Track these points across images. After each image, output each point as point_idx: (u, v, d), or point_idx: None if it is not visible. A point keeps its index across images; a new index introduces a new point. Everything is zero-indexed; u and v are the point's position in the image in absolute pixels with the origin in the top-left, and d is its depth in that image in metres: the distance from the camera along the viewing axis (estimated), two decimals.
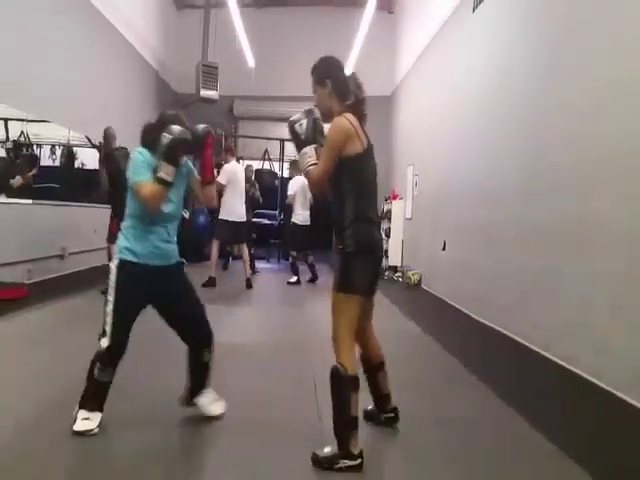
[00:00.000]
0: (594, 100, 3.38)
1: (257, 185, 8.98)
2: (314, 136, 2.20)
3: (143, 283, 2.24)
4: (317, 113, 2.27)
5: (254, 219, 9.21)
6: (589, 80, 3.47)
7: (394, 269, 8.86)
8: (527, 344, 4.05)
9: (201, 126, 2.38)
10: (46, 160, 6.32)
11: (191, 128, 2.32)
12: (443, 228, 6.70)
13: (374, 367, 2.44)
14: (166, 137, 2.18)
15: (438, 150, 7.21)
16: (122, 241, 2.27)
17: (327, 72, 2.31)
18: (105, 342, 2.17)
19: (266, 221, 10.96)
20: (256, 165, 12.16)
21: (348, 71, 2.39)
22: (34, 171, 5.87)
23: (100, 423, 2.19)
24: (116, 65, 8.25)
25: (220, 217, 6.57)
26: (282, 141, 10.74)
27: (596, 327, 3.20)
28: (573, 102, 3.65)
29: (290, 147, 10.94)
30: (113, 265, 2.24)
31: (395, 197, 9.44)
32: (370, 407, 2.52)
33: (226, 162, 6.97)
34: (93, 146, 7.25)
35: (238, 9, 8.90)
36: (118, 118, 8.23)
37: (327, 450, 2.07)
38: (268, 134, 11.41)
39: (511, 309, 4.47)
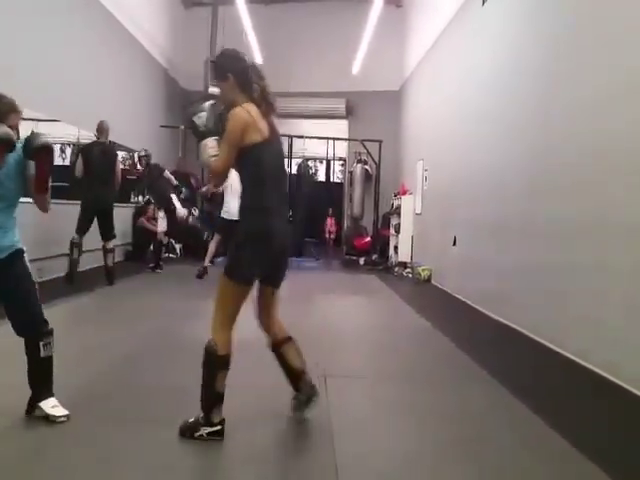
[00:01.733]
0: (608, 93, 3.33)
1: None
2: (216, 128, 2.22)
3: None
4: (220, 106, 2.30)
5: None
6: (604, 72, 3.42)
7: (404, 265, 8.83)
8: (539, 339, 4.01)
9: (40, 139, 2.21)
10: (56, 159, 6.36)
11: (32, 138, 2.19)
12: (453, 223, 6.66)
13: (279, 342, 2.43)
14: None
15: (448, 144, 7.15)
16: None
17: (228, 66, 2.29)
18: None
19: None
20: None
21: (249, 62, 2.35)
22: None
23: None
24: (126, 64, 8.27)
25: (221, 215, 7.03)
26: (290, 137, 10.72)
27: (610, 322, 3.16)
28: (586, 96, 3.60)
29: (299, 143, 10.97)
30: None
31: (405, 192, 9.39)
32: (292, 398, 2.46)
33: None
34: None
35: (246, 5, 8.88)
36: (128, 116, 8.27)
37: (191, 420, 2.18)
38: None
39: (522, 304, 4.43)
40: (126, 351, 3.38)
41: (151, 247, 7.91)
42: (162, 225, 7.52)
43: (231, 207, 6.89)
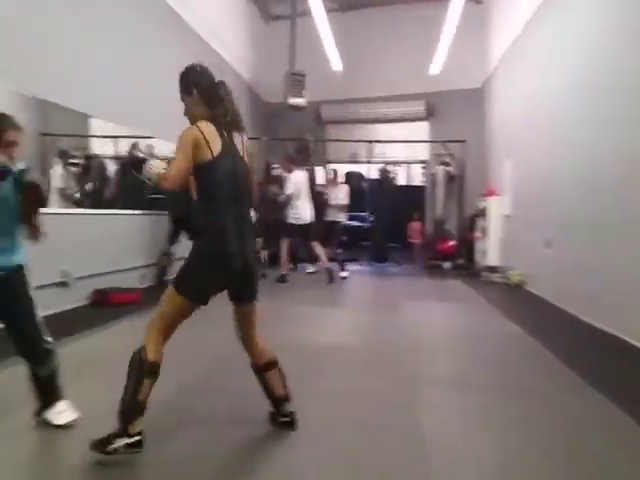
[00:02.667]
0: None
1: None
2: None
3: None
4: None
5: (345, 221, 9.29)
6: None
7: (492, 269, 8.47)
8: None
9: (27, 175, 2.19)
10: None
11: (23, 172, 2.16)
12: (547, 224, 6.29)
13: (260, 368, 2.38)
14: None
15: (539, 142, 6.78)
16: None
17: (193, 80, 2.27)
18: None
19: (356, 223, 10.98)
20: (345, 168, 12.29)
21: (214, 79, 2.33)
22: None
23: None
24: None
25: (288, 221, 7.30)
26: (370, 142, 10.72)
27: None
28: None
29: (379, 148, 10.94)
30: None
31: (491, 193, 9.03)
32: (271, 409, 2.43)
33: (289, 172, 7.57)
34: None
35: (324, 14, 9.04)
36: None
37: (106, 434, 2.02)
38: (356, 136, 11.44)
39: (625, 309, 4.09)
40: (220, 353, 3.53)
41: None
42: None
43: (301, 212, 7.22)
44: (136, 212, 6.16)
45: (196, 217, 2.20)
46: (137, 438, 2.02)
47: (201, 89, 2.24)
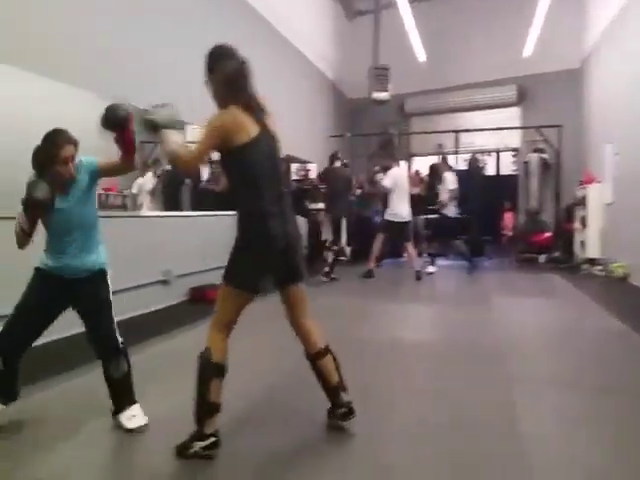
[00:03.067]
0: None
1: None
2: (173, 124, 2.12)
3: (49, 290, 2.29)
4: (173, 108, 2.18)
5: (429, 215, 9.12)
6: None
7: (593, 262, 7.91)
8: None
9: (120, 107, 2.19)
10: None
11: (113, 108, 2.17)
12: None
13: (312, 357, 2.31)
14: (25, 195, 2.12)
15: None
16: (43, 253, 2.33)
17: (215, 61, 2.17)
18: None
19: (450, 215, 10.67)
20: (430, 160, 12.03)
21: (238, 60, 2.20)
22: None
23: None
24: (297, 81, 8.95)
25: (385, 218, 7.26)
26: (457, 132, 10.41)
27: None
28: None
29: (466, 137, 10.60)
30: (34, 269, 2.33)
31: (591, 181, 8.41)
32: (327, 410, 2.37)
33: (390, 167, 7.50)
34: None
35: (408, 5, 8.93)
36: (300, 130, 8.92)
37: (185, 439, 2.07)
38: (441, 127, 11.17)
39: None
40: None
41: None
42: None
43: (398, 209, 7.11)
44: (230, 212, 6.52)
45: (236, 203, 2.13)
46: (212, 440, 2.05)
47: (224, 72, 2.14)
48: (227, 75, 2.12)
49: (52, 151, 2.18)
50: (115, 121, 2.16)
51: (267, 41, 7.70)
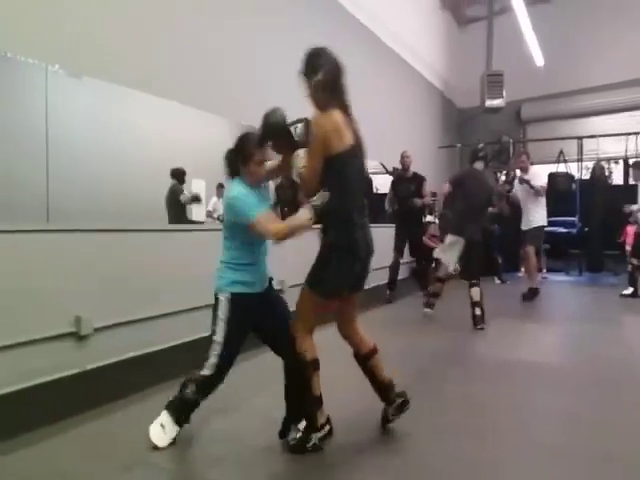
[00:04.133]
0: None
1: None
2: (307, 139, 2.10)
3: (253, 312, 2.29)
4: (307, 119, 2.14)
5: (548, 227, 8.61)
6: None
7: None
8: None
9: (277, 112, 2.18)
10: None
11: (274, 114, 2.17)
12: None
13: (364, 356, 2.41)
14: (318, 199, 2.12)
15: None
16: (231, 276, 2.26)
17: (320, 63, 2.16)
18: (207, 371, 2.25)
19: (562, 229, 10.06)
20: (549, 169, 11.37)
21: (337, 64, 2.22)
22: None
23: (173, 440, 2.28)
24: (406, 93, 8.99)
25: (537, 224, 6.64)
26: (580, 139, 9.72)
27: None
28: None
29: (590, 144, 9.85)
30: (223, 298, 2.24)
31: None
32: (383, 411, 2.47)
33: (526, 171, 6.94)
34: (387, 172, 8.07)
35: (524, 9, 8.60)
36: (409, 142, 8.94)
37: (298, 435, 2.23)
38: (561, 134, 10.51)
39: None
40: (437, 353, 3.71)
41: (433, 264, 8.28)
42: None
43: (544, 213, 6.72)
44: None
45: (327, 208, 2.13)
46: (327, 428, 2.25)
47: (328, 73, 2.15)
48: (329, 77, 2.15)
49: (249, 149, 2.20)
50: (278, 125, 2.16)
51: (373, 53, 7.82)
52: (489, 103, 9.59)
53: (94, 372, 2.94)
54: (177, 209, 3.97)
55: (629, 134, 9.70)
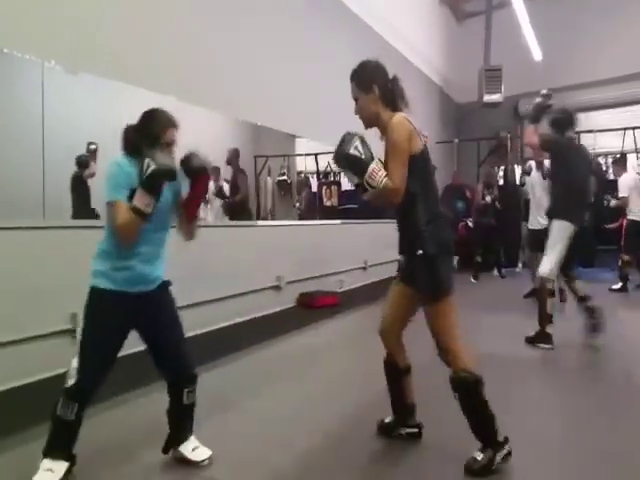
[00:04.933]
0: None
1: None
2: (370, 153, 2.00)
3: (119, 312, 1.91)
4: (357, 133, 2.04)
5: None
6: None
7: None
8: None
9: (199, 159, 1.94)
10: (347, 185, 7.41)
11: (188, 158, 1.93)
12: None
13: (400, 371, 2.26)
14: (149, 164, 1.77)
15: None
16: (97, 265, 1.93)
17: (372, 77, 2.14)
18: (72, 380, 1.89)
19: None
20: (546, 164, 11.36)
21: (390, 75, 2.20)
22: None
23: (66, 475, 1.88)
24: (407, 91, 8.97)
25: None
26: (577, 133, 9.69)
27: None
28: None
29: (588, 139, 9.85)
30: (88, 290, 1.94)
31: None
32: (388, 419, 2.31)
33: (618, 175, 7.02)
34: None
35: (522, 3, 8.59)
36: None
37: (480, 457, 2.01)
38: None
39: None
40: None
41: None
42: None
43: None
44: (336, 222, 6.76)
45: (416, 210, 2.03)
46: (507, 447, 2.04)
47: (382, 86, 2.14)
48: (383, 89, 2.13)
49: (155, 131, 1.91)
50: (197, 167, 1.95)
51: (371, 47, 7.73)
52: (487, 98, 9.59)
53: None
54: (81, 200, 3.51)
55: (626, 129, 9.71)
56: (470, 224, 8.73)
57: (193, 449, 2.10)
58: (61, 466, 1.88)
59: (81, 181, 3.49)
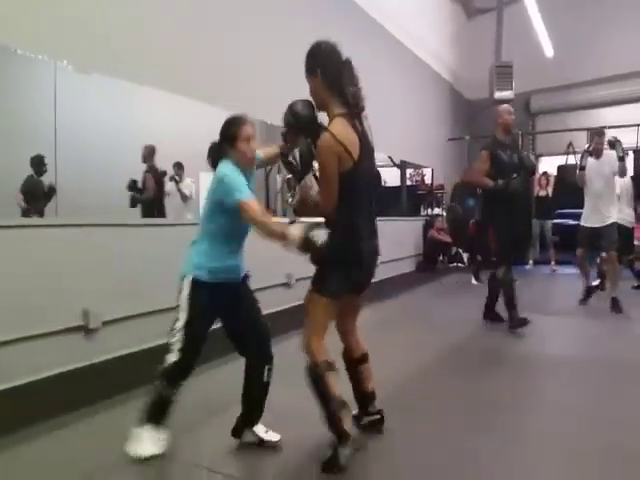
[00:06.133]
0: None
1: None
2: (309, 162, 2.07)
3: (215, 300, 2.16)
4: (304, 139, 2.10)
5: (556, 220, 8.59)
6: None
7: None
8: None
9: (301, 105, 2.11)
10: None
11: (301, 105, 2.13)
12: None
13: (356, 360, 2.31)
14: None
15: None
16: (199, 259, 2.17)
17: (316, 61, 2.07)
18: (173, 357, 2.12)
19: (571, 222, 9.98)
20: (558, 161, 11.28)
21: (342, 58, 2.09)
22: None
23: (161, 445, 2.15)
24: (414, 85, 8.94)
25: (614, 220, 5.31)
26: (589, 130, 9.60)
27: None
28: None
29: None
30: (187, 281, 2.15)
31: None
32: (355, 412, 2.31)
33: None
34: (394, 165, 8.06)
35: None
36: (417, 134, 8.90)
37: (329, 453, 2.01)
38: (570, 125, 10.40)
39: None
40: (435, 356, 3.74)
41: (440, 257, 8.29)
42: None
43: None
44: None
45: (333, 217, 2.12)
46: (352, 438, 2.02)
47: (325, 71, 2.06)
48: (325, 74, 2.06)
49: (233, 129, 2.16)
50: (303, 119, 2.12)
51: (381, 45, 7.75)
52: (498, 95, 9.49)
53: (102, 365, 2.99)
54: (37, 202, 3.46)
55: (639, 125, 9.58)
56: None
57: (266, 431, 2.26)
58: (160, 434, 2.16)
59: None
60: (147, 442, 2.14)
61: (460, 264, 9.02)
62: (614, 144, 5.19)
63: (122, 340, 3.15)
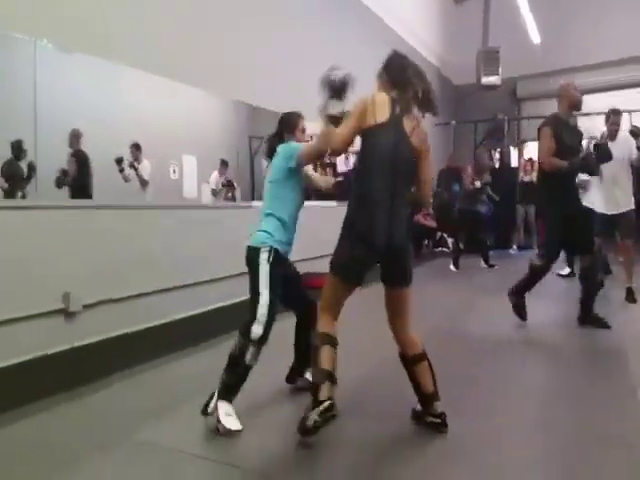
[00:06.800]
0: None
1: None
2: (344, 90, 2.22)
3: (281, 267, 2.40)
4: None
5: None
6: None
7: None
8: None
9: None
10: (342, 166, 7.37)
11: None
12: None
13: (408, 359, 2.27)
14: (336, 75, 2.22)
15: None
16: (271, 229, 2.40)
17: (384, 65, 2.34)
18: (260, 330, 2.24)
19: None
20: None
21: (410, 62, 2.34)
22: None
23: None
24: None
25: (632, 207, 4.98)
26: (575, 117, 9.67)
27: None
28: None
29: (582, 122, 9.81)
30: (266, 251, 2.33)
31: None
32: (418, 407, 2.31)
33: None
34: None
35: None
36: None
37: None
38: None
39: None
40: None
41: (426, 242, 8.33)
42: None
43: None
44: (332, 204, 6.72)
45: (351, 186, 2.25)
46: (327, 403, 2.03)
47: (389, 71, 2.31)
48: (389, 73, 2.32)
49: (293, 120, 2.60)
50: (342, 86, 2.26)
51: (367, 28, 7.68)
52: (485, 80, 9.52)
53: (83, 348, 2.98)
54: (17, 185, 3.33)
55: (626, 112, 9.66)
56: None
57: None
58: (232, 409, 2.22)
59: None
60: (232, 417, 2.20)
61: (445, 249, 9.09)
62: (638, 134, 5.03)
63: (103, 323, 3.13)
